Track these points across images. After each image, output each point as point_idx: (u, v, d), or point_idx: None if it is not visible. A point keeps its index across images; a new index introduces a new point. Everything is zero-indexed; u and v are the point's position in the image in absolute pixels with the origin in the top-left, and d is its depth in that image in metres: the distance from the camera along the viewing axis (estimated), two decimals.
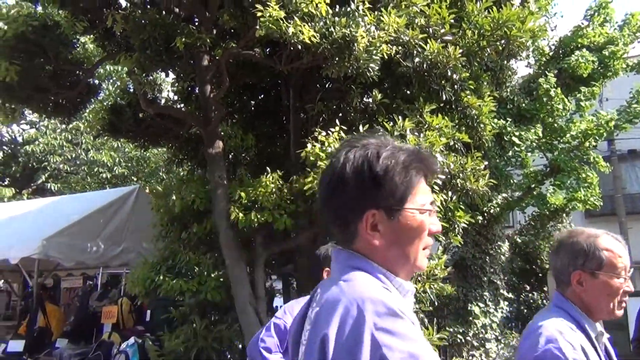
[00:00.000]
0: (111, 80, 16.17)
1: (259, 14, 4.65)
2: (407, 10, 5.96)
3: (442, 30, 6.23)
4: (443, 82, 6.21)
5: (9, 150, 18.62)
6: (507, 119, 8.76)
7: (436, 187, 5.65)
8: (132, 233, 9.04)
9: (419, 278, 6.05)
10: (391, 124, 5.97)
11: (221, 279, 6.14)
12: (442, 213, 5.87)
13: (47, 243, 7.53)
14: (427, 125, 6.05)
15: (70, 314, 9.01)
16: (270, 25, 4.62)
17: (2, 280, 11.99)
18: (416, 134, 5.95)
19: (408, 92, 6.51)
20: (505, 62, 8.04)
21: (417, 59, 6.00)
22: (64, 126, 16.20)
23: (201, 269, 6.13)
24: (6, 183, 17.22)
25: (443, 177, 5.87)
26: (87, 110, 8.51)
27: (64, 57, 6.11)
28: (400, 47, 5.94)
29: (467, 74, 6.41)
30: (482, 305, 8.86)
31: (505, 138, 8.61)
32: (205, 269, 6.12)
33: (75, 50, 6.34)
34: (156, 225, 6.90)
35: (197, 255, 6.24)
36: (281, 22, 4.69)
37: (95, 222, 8.64)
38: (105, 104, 7.57)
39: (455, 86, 6.33)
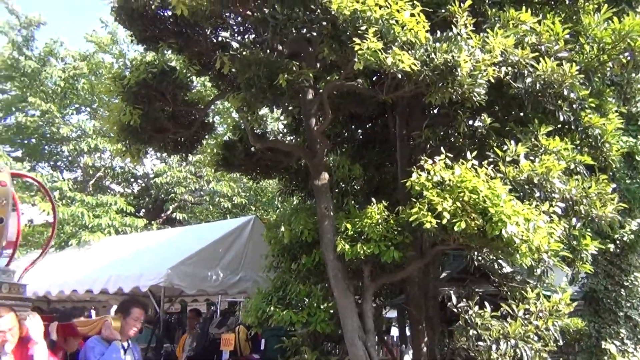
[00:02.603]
0: (224, 116, 17.23)
1: (357, 47, 4.65)
2: (516, 30, 5.66)
3: (556, 47, 5.82)
4: (559, 102, 5.78)
5: (143, 184, 20.30)
6: (638, 136, 8.00)
7: (555, 216, 5.23)
8: (249, 262, 9.35)
9: (540, 314, 5.59)
10: (503, 148, 5.67)
11: (331, 311, 6.11)
12: (564, 242, 5.42)
13: (172, 272, 8.00)
14: (543, 149, 5.65)
15: (193, 340, 9.45)
16: (368, 57, 4.60)
17: None
18: (531, 158, 5.59)
19: (521, 114, 6.16)
20: (633, 75, 7.35)
21: (528, 80, 5.64)
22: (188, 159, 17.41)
23: (311, 300, 6.13)
24: (141, 214, 18.73)
25: (563, 204, 5.44)
26: (204, 145, 9.03)
27: (180, 99, 6.52)
28: (509, 68, 5.64)
29: (587, 92, 5.92)
30: (618, 343, 7.98)
31: (637, 158, 7.86)
32: (315, 300, 6.12)
33: (190, 92, 6.76)
34: (268, 256, 7.06)
35: (307, 286, 6.25)
36: (379, 53, 4.65)
37: (215, 251, 9.06)
38: (219, 139, 7.99)
39: (574, 105, 5.87)
